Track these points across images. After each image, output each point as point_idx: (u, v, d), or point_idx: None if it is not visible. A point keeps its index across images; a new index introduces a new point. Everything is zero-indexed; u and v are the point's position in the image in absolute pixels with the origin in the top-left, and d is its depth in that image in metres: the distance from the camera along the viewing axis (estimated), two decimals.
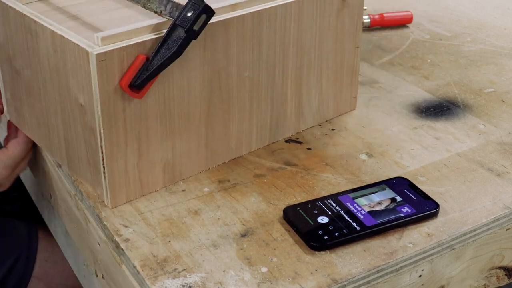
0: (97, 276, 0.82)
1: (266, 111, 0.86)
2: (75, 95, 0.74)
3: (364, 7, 1.33)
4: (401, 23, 1.28)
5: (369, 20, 1.25)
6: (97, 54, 0.68)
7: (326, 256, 0.70)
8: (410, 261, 0.70)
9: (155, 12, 0.75)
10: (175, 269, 0.68)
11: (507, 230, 0.77)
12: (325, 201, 0.76)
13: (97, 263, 0.80)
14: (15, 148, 0.90)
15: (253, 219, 0.75)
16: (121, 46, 0.70)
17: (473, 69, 1.11)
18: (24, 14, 0.77)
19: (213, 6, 0.73)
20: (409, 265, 0.70)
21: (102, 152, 0.73)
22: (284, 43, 0.84)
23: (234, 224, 0.74)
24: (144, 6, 0.76)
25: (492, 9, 1.37)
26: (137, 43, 0.71)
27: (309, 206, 0.76)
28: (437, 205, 0.76)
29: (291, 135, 0.91)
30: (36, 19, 0.76)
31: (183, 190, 0.80)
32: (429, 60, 1.15)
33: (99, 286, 0.83)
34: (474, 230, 0.74)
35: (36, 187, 1.08)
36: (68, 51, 0.72)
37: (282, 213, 0.75)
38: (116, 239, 0.72)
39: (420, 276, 0.72)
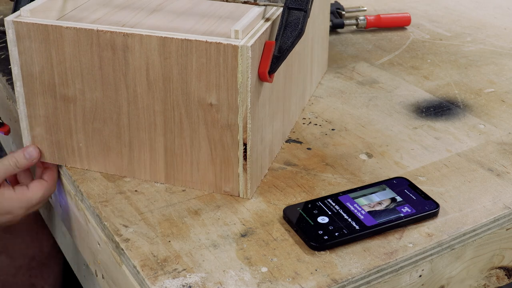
0: (97, 276, 0.82)
1: (302, 82, 0.94)
2: (200, 97, 0.74)
3: (364, 8, 1.33)
4: (399, 25, 1.28)
5: (365, 22, 1.25)
6: (251, 46, 0.70)
7: (326, 256, 0.70)
8: (410, 261, 0.70)
9: (245, 2, 0.78)
10: (175, 269, 0.68)
11: (507, 230, 0.77)
12: (325, 201, 0.76)
13: (97, 263, 0.80)
14: (37, 192, 0.83)
15: (253, 219, 0.75)
16: (258, 35, 0.72)
17: (473, 69, 1.11)
18: (103, 31, 0.74)
19: None
20: (409, 265, 0.70)
21: (245, 145, 0.74)
22: (311, 18, 0.89)
23: (234, 224, 0.74)
24: (227, 0, 0.79)
25: (492, 9, 1.37)
26: (264, 31, 0.74)
27: (309, 206, 0.76)
28: (437, 205, 0.76)
29: (308, 101, 0.99)
30: (128, 32, 0.73)
31: (183, 190, 0.80)
32: (429, 60, 1.15)
33: (99, 286, 0.83)
34: (474, 230, 0.74)
35: None
36: (194, 53, 0.72)
37: (282, 213, 0.75)
38: (116, 239, 0.72)
39: (420, 276, 0.72)
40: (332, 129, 0.93)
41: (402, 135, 0.92)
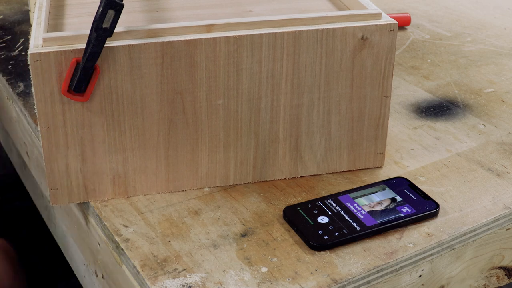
0: (97, 276, 0.82)
1: (248, 146, 0.80)
2: None
3: None
4: (399, 25, 1.27)
5: None
6: (31, 54, 0.69)
7: (326, 256, 0.70)
8: (410, 261, 0.70)
9: None
10: (175, 269, 0.68)
11: (507, 230, 0.77)
12: (325, 201, 0.76)
13: (97, 263, 0.80)
14: None
15: (253, 219, 0.75)
16: (59, 49, 0.69)
17: (473, 69, 1.11)
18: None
19: (183, 24, 0.73)
20: (409, 265, 0.71)
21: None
22: (274, 76, 0.76)
23: (234, 224, 0.75)
24: None
25: (492, 9, 1.37)
26: (78, 49, 0.70)
27: (309, 206, 0.76)
28: (437, 205, 0.76)
29: (285, 178, 0.83)
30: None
31: (183, 190, 0.80)
32: (429, 60, 1.15)
33: (99, 286, 0.83)
34: (474, 230, 0.74)
35: (36, 187, 1.08)
36: None
37: (282, 213, 0.75)
38: (116, 239, 0.72)
39: (420, 276, 0.72)
40: None
41: (402, 135, 0.92)
